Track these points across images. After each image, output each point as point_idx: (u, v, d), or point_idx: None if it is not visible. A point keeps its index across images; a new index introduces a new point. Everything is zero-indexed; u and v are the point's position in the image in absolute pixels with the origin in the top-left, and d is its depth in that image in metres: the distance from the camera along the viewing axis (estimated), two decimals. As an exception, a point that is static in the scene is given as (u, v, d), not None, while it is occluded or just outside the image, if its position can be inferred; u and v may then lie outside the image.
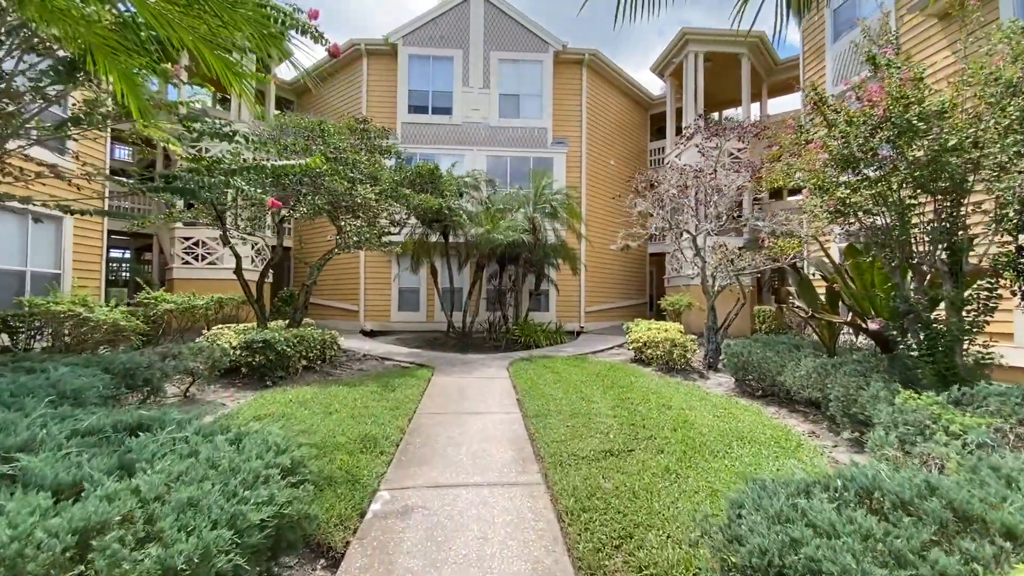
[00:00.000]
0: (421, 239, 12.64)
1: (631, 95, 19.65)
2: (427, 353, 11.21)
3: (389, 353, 11.06)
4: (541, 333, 12.54)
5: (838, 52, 11.46)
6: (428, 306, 15.72)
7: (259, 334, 7.44)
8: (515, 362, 9.64)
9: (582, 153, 16.76)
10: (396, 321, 15.70)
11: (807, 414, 5.89)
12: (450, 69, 15.94)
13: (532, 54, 16.17)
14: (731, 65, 16.67)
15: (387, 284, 15.71)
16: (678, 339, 8.45)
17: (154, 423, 2.53)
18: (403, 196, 9.50)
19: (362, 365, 9.58)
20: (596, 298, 17.29)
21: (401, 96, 15.73)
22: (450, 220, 11.35)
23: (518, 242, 12.41)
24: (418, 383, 7.43)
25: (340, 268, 16.59)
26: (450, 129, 15.81)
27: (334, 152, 8.99)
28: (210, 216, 8.64)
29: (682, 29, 15.50)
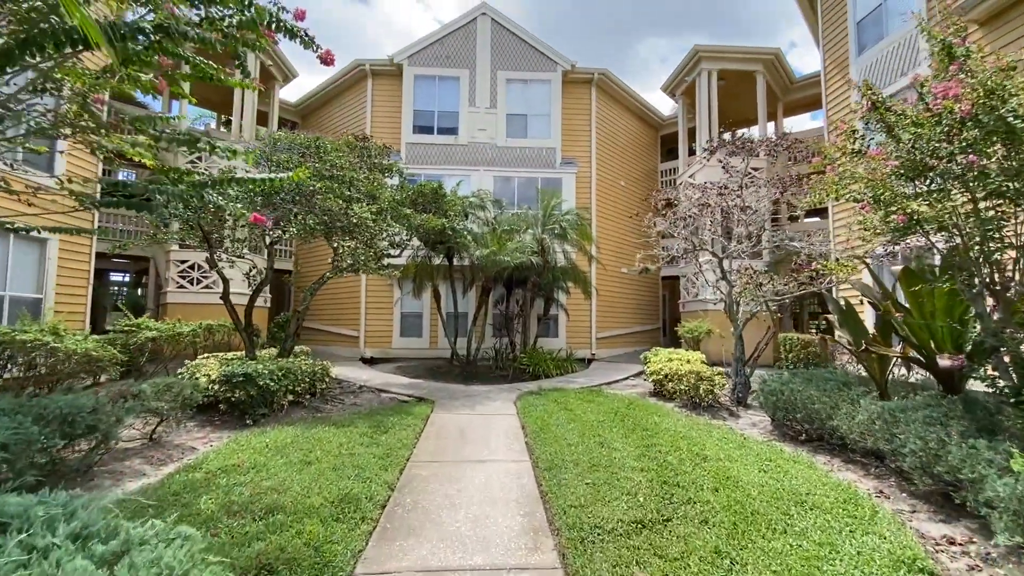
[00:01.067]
0: (424, 262, 12.00)
1: (641, 115, 19.19)
2: (428, 384, 10.42)
3: (387, 384, 10.28)
4: (551, 362, 11.72)
5: (864, 65, 10.86)
6: (431, 332, 14.99)
7: (240, 367, 6.72)
8: (523, 395, 8.83)
9: (592, 173, 16.20)
10: (398, 348, 14.96)
11: (866, 466, 5.03)
12: (456, 89, 15.57)
13: (540, 73, 15.79)
14: (745, 83, 16.17)
15: (389, 309, 15.03)
16: (704, 372, 7.62)
17: (12, 521, 1.79)
18: (404, 216, 8.88)
19: (356, 399, 8.80)
20: (608, 323, 16.48)
21: (406, 116, 15.33)
22: (454, 242, 10.71)
23: (526, 265, 11.72)
24: (415, 422, 6.64)
25: (341, 292, 15.96)
26: (456, 149, 15.34)
27: (330, 170, 8.43)
28: (196, 237, 8.05)
29: (695, 46, 15.06)
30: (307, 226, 7.35)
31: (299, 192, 7.63)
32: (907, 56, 9.81)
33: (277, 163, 8.17)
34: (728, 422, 7.07)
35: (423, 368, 12.84)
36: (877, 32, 10.61)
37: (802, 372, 6.72)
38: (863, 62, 10.91)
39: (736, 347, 8.20)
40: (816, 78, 16.31)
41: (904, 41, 9.88)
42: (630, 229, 18.06)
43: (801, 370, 6.96)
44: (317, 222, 7.54)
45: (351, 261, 7.74)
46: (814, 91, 16.65)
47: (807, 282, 7.85)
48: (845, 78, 11.50)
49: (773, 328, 8.50)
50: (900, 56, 9.97)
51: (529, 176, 15.37)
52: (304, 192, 7.63)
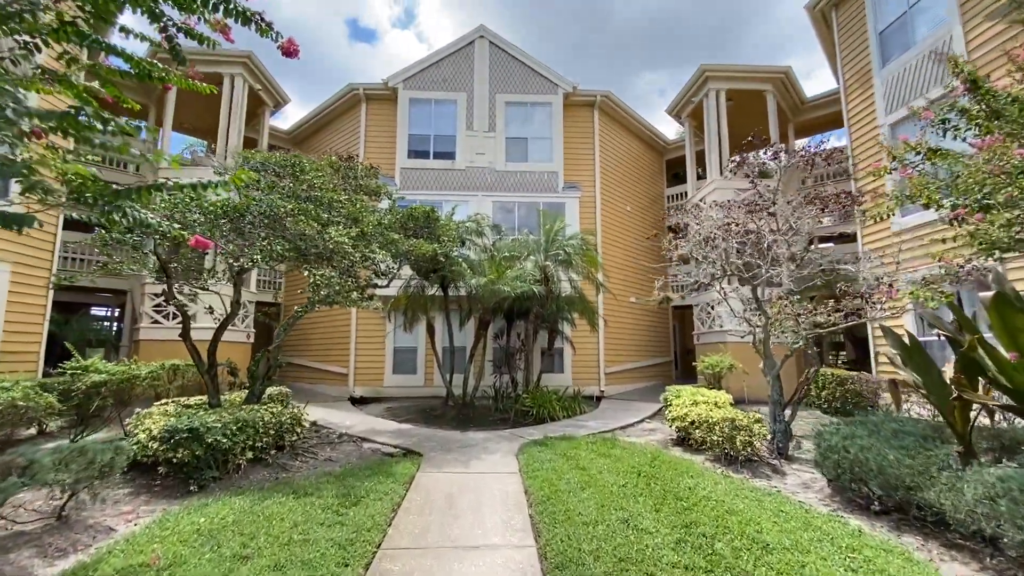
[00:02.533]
0: (416, 292, 10.99)
1: (645, 139, 18.53)
2: (419, 431, 9.23)
3: (372, 431, 9.10)
4: (556, 402, 10.53)
5: (890, 76, 10.09)
6: (426, 369, 13.84)
7: (185, 420, 5.61)
8: (526, 446, 7.64)
9: (596, 198, 15.36)
10: (390, 386, 13.78)
11: (977, 553, 3.84)
12: (453, 112, 14.91)
13: (540, 96, 15.16)
14: (754, 104, 15.50)
15: (380, 344, 13.93)
16: (740, 419, 6.46)
17: None
18: (391, 241, 7.91)
19: (333, 451, 7.62)
20: (617, 357, 15.31)
21: (401, 140, 14.62)
22: (448, 270, 9.73)
23: (527, 295, 10.68)
24: (394, 488, 5.46)
25: (329, 327, 14.90)
26: (453, 174, 14.55)
27: (307, 191, 7.52)
28: (151, 267, 7.07)
29: (701, 66, 14.45)
30: (273, 252, 6.35)
31: (269, 215, 6.67)
32: (939, 65, 9.02)
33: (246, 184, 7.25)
34: (773, 482, 5.87)
35: (416, 410, 11.64)
36: (903, 41, 9.88)
37: (862, 420, 5.58)
38: (888, 73, 10.14)
39: (773, 388, 7.05)
40: (828, 98, 15.66)
41: (938, 47, 9.11)
42: (638, 256, 17.13)
43: (859, 417, 5.81)
44: (288, 248, 6.55)
45: (326, 292, 6.71)
46: (826, 111, 15.99)
47: (852, 312, 6.78)
48: (867, 92, 10.72)
49: (814, 364, 7.35)
50: (931, 64, 9.18)
51: (530, 201, 14.52)
52: (275, 215, 6.67)
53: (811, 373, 7.22)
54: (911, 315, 9.41)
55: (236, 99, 14.10)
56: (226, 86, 14.01)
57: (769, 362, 7.18)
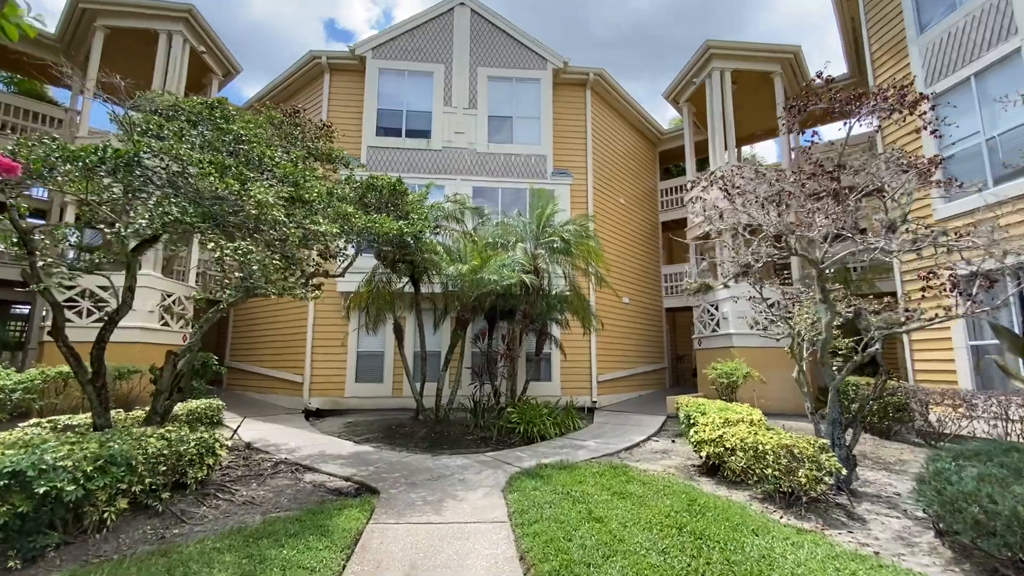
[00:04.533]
0: (381, 285, 9.19)
1: (639, 127, 17.13)
2: (380, 455, 7.42)
3: (321, 456, 7.26)
4: (547, 417, 8.85)
5: (930, 44, 8.82)
6: (395, 376, 12.00)
7: (11, 458, 3.72)
8: (517, 478, 5.93)
9: (588, 187, 13.82)
10: (352, 396, 11.89)
11: None
12: (429, 86, 13.19)
13: (527, 71, 13.58)
14: (759, 88, 14.25)
15: (342, 348, 12.03)
16: (801, 446, 4.86)
17: None
18: (343, 214, 6.13)
19: (260, 488, 5.76)
20: (610, 364, 13.73)
21: (368, 115, 12.81)
22: (419, 256, 7.98)
23: (513, 291, 9.03)
24: (327, 558, 3.68)
25: (282, 328, 12.93)
26: (428, 155, 12.81)
27: (231, 143, 5.71)
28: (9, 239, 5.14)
29: (706, 41, 13.09)
30: (169, 217, 4.51)
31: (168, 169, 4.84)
32: (995, 24, 7.75)
33: (146, 130, 5.41)
34: (857, 534, 4.31)
35: (380, 425, 9.80)
36: (948, 3, 8.61)
37: (989, 451, 4.05)
38: (927, 40, 8.88)
39: (831, 406, 5.52)
40: (837, 83, 14.52)
41: (989, 7, 7.86)
42: (633, 253, 15.65)
43: (984, 447, 4.28)
44: (193, 212, 4.72)
45: (244, 275, 4.89)
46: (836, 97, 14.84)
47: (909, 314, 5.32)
48: (901, 63, 9.45)
49: (884, 375, 5.84)
50: (984, 26, 7.91)
51: (515, 187, 12.88)
52: (177, 169, 4.85)
53: (880, 383, 5.71)
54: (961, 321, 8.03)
55: (174, 62, 12.09)
56: (161, 45, 11.99)
57: (827, 371, 5.65)
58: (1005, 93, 7.13)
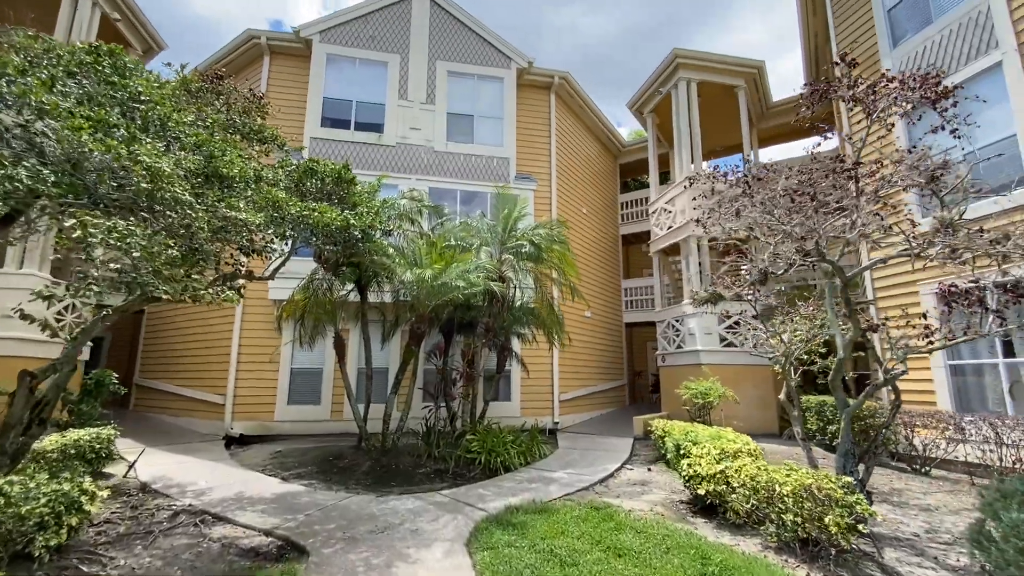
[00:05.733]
0: (319, 291, 7.91)
1: (601, 138, 16.71)
2: (312, 497, 6.11)
3: (237, 500, 5.87)
4: (511, 445, 7.81)
5: (904, 57, 8.73)
6: (335, 396, 10.57)
7: None
8: (484, 529, 4.85)
9: (551, 195, 13.08)
10: (284, 421, 10.34)
11: None
12: (383, 77, 12.07)
13: (490, 69, 12.75)
14: (722, 102, 14.11)
15: (272, 364, 10.48)
16: (827, 488, 4.10)
17: None
18: (272, 200, 4.92)
19: (143, 555, 4.37)
20: (572, 382, 12.91)
21: (313, 104, 11.50)
22: (368, 258, 6.81)
23: (475, 302, 8.02)
24: None
25: (202, 338, 11.21)
26: (380, 151, 11.63)
27: (128, 103, 4.40)
28: None
29: (674, 50, 12.78)
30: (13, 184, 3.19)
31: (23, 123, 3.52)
32: (974, 38, 7.67)
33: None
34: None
35: (316, 456, 8.40)
36: (922, 16, 8.56)
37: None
38: (901, 54, 8.80)
39: (844, 435, 4.86)
40: (796, 103, 14.67)
41: (967, 21, 7.79)
42: (595, 266, 15.03)
43: None
44: (50, 181, 3.40)
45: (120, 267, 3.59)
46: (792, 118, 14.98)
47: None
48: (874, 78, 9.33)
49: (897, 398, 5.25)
50: (963, 39, 7.83)
51: (476, 190, 11.92)
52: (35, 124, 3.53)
53: (895, 408, 5.11)
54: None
55: (79, 27, 10.30)
56: (64, 8, 10.19)
57: (839, 395, 5.00)
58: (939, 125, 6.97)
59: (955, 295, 4.39)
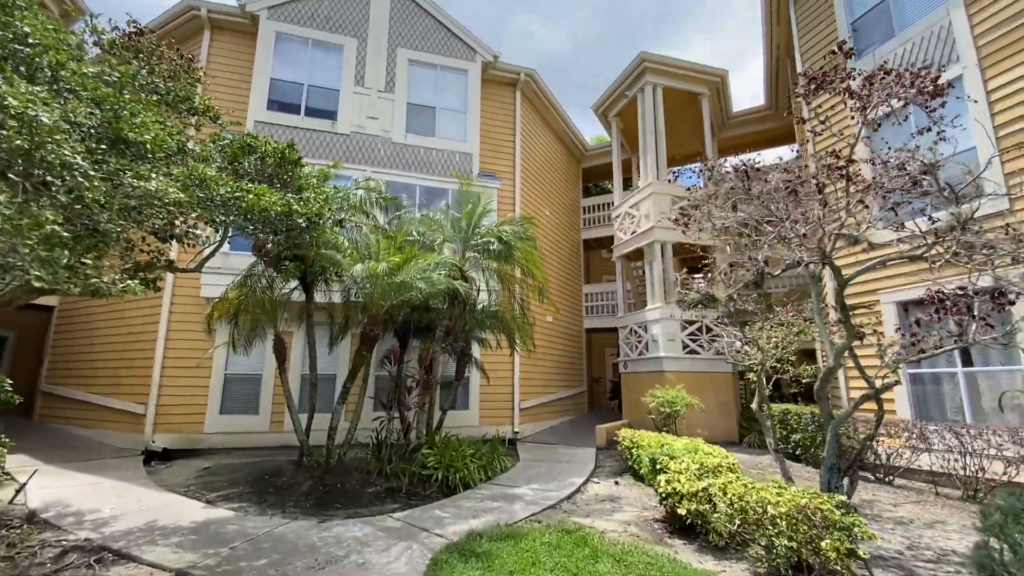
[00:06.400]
0: (258, 288, 7.05)
1: (565, 140, 16.44)
2: (241, 524, 5.27)
3: (147, 532, 4.96)
4: (471, 458, 7.20)
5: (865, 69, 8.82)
6: (275, 406, 9.60)
7: None
8: (443, 561, 4.23)
9: (515, 194, 12.61)
10: (215, 433, 9.28)
11: None
12: (338, 61, 11.24)
13: (454, 60, 12.17)
14: (684, 110, 14.15)
15: (203, 369, 9.40)
16: (824, 509, 3.76)
17: None
18: (199, 177, 4.14)
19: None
20: (533, 389, 12.42)
21: (259, 86, 10.52)
22: (314, 251, 6.05)
23: (434, 303, 7.39)
24: None
25: (121, 340, 9.96)
26: (332, 140, 10.78)
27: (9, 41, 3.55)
28: None
29: (641, 53, 12.65)
30: None
31: None
32: (935, 52, 7.82)
33: None
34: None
35: (250, 473, 7.47)
36: (885, 29, 8.70)
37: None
38: (865, 66, 8.86)
39: (830, 449, 4.58)
40: (755, 114, 14.91)
41: (928, 35, 7.94)
42: (557, 268, 14.65)
43: None
44: None
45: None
46: (750, 129, 15.26)
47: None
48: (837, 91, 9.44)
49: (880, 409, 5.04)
50: (924, 53, 7.97)
51: (437, 186, 11.28)
52: None
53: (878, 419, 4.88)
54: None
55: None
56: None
57: (825, 406, 4.72)
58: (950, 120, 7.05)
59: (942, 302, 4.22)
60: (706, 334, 11.60)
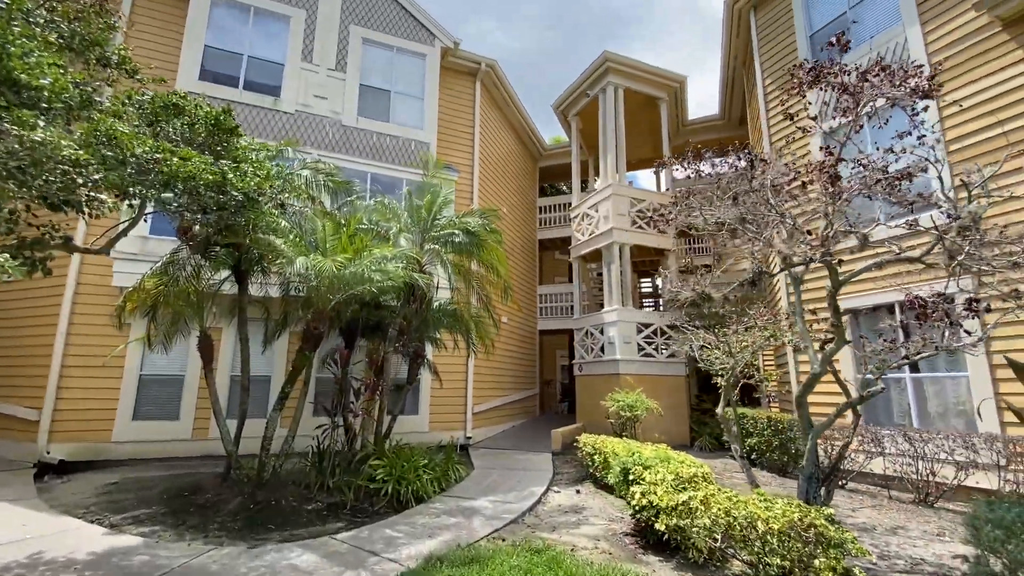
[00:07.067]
0: (182, 277, 6.13)
1: (523, 137, 16.09)
2: (150, 554, 4.44)
3: (26, 570, 4.05)
4: (424, 469, 6.61)
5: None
6: (199, 411, 8.55)
7: None
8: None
9: (473, 188, 12.10)
10: (127, 441, 8.14)
11: None
12: (284, 33, 10.29)
13: (412, 43, 11.49)
14: (642, 113, 14.19)
15: (113, 369, 8.21)
16: (819, 524, 3.54)
17: None
18: (107, 133, 3.36)
19: None
20: (487, 392, 11.94)
21: (190, 52, 9.41)
22: (251, 236, 5.28)
23: (386, 301, 6.77)
24: None
25: (10, 334, 8.54)
26: (275, 117, 9.83)
27: None
28: None
29: (604, 53, 12.50)
30: None
31: None
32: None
33: None
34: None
35: (167, 490, 6.50)
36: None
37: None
38: (822, 78, 9.09)
39: (809, 458, 4.43)
40: (709, 123, 15.21)
41: (884, 51, 8.20)
42: (513, 268, 14.23)
43: None
44: None
45: None
46: (704, 138, 15.54)
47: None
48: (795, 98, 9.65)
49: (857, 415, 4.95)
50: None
51: (391, 175, 10.58)
52: None
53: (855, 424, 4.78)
54: (848, 351, 7.91)
55: None
56: None
57: (804, 413, 4.57)
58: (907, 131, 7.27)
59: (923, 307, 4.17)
60: (661, 337, 11.59)
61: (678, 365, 11.57)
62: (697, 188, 5.23)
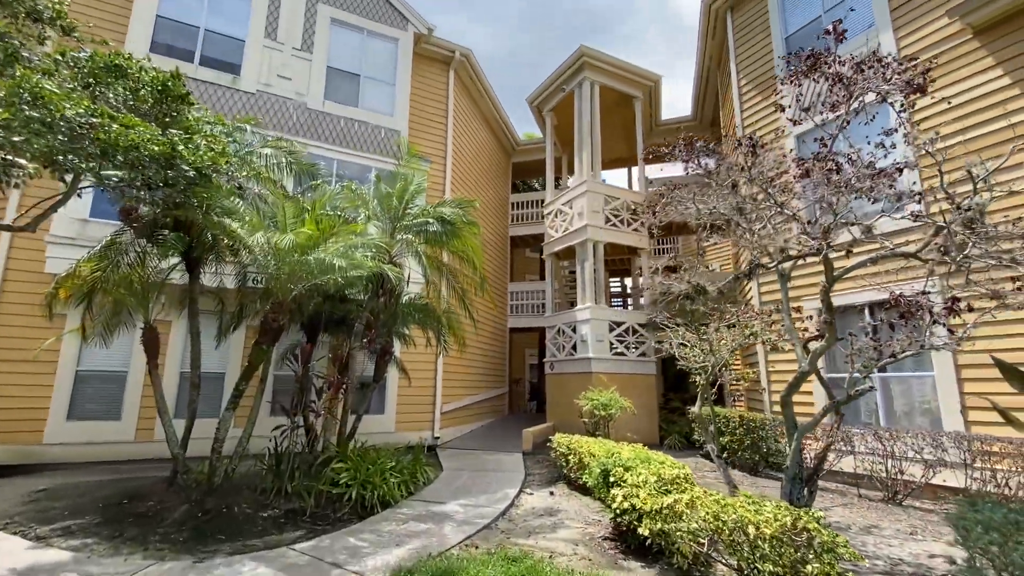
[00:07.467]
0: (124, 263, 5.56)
1: (497, 131, 15.79)
2: (81, 571, 3.93)
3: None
4: (391, 472, 6.24)
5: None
6: (143, 411, 7.88)
7: None
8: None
9: (446, 180, 11.72)
10: (60, 443, 7.41)
11: None
12: (245, 8, 9.65)
13: (383, 27, 11.02)
14: (615, 112, 14.13)
15: (45, 363, 7.45)
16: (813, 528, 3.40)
17: None
18: (32, 92, 2.88)
19: None
20: (456, 391, 11.59)
21: (140, 21, 8.70)
22: (202, 217, 4.79)
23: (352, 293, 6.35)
24: None
25: (-76, 326, 7.65)
26: (234, 97, 9.19)
27: None
28: None
29: (580, 47, 12.33)
30: None
31: None
32: (861, 73, 8.18)
33: None
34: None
35: (104, 497, 5.89)
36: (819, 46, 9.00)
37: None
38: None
39: (793, 459, 4.33)
40: (682, 123, 15.26)
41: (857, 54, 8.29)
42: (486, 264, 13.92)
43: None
44: None
45: None
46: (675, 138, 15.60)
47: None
48: (770, 100, 9.73)
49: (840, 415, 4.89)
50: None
51: (358, 162, 10.08)
52: None
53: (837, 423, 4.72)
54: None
55: None
56: None
57: (789, 412, 4.46)
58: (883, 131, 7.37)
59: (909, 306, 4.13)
60: (632, 335, 11.54)
61: (649, 364, 11.55)
62: (683, 182, 5.07)
